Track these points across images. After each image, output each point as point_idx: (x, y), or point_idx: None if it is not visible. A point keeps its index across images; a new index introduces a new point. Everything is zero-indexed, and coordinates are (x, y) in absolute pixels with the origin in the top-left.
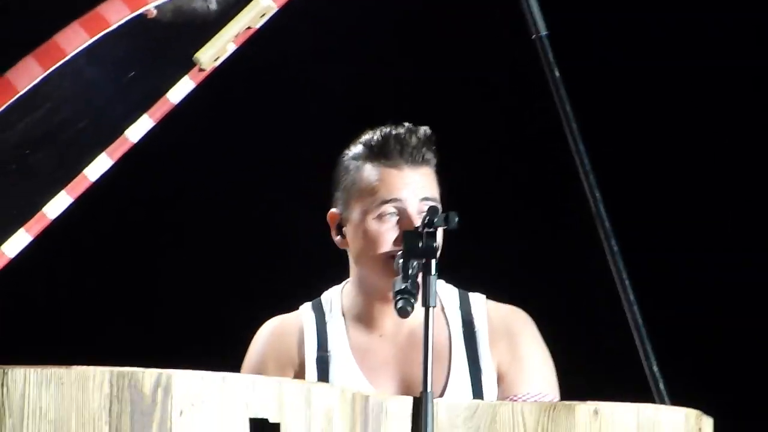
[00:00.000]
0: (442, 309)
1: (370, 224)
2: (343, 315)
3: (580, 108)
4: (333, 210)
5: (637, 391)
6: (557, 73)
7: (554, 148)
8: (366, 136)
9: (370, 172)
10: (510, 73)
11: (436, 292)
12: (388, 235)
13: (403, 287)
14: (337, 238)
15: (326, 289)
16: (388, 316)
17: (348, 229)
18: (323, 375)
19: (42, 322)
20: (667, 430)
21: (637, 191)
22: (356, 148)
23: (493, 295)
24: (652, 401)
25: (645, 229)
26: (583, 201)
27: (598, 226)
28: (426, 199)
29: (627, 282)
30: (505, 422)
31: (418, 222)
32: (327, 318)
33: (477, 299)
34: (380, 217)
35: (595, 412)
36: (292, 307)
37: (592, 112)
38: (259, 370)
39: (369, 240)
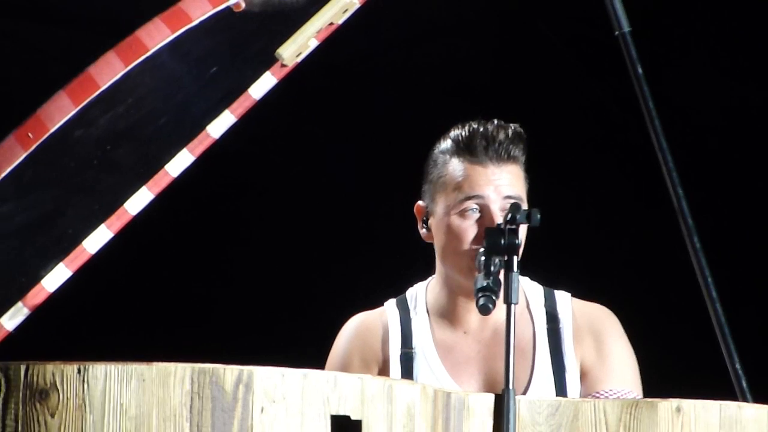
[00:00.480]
0: (527, 306)
1: (453, 220)
2: (428, 312)
3: (663, 106)
4: (420, 203)
5: (720, 389)
6: (640, 70)
7: (637, 145)
8: (455, 131)
9: (455, 167)
10: (592, 69)
11: (518, 288)
12: (469, 232)
13: (484, 284)
14: (422, 231)
15: (411, 286)
16: (472, 312)
17: (432, 223)
18: (407, 372)
19: (122, 318)
20: (750, 427)
21: (720, 188)
22: (445, 143)
23: (578, 293)
24: (735, 399)
25: (728, 227)
26: (665, 198)
27: (680, 222)
28: (509, 197)
29: (709, 279)
30: (587, 419)
31: (499, 220)
32: (411, 315)
33: (562, 297)
34: (462, 213)
35: (678, 409)
36: (377, 303)
37: (676, 111)
38: (344, 366)
39: (451, 235)
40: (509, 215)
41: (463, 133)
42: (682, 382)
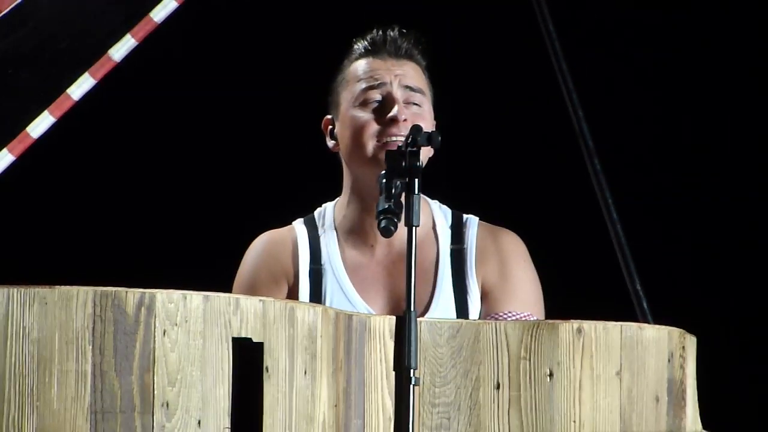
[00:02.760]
0: (434, 227)
1: (356, 111)
2: (336, 229)
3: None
4: (327, 117)
5: (621, 311)
6: (551, 28)
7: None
8: (357, 41)
9: (358, 65)
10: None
11: (419, 211)
12: (372, 123)
13: (386, 206)
14: (330, 143)
15: (318, 206)
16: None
17: (338, 128)
18: (316, 287)
19: (26, 242)
20: (651, 348)
21: (625, 123)
22: (350, 50)
23: (485, 217)
24: (636, 320)
25: (628, 151)
26: (567, 122)
27: (581, 145)
28: (410, 87)
29: (610, 201)
30: (489, 341)
31: (402, 108)
32: (320, 232)
33: (470, 220)
34: (364, 102)
35: (579, 330)
36: (284, 223)
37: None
38: (253, 281)
39: (355, 129)
40: (410, 137)
41: (366, 37)
42: (584, 304)
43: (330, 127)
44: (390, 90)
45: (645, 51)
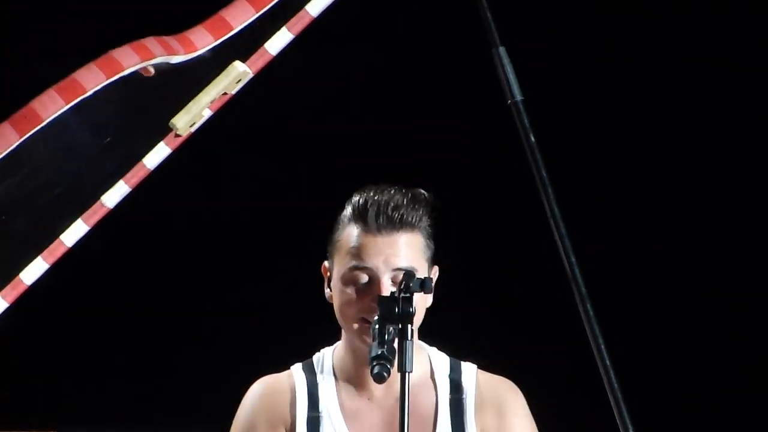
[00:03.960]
0: (432, 375)
1: (342, 287)
2: (335, 375)
3: (556, 171)
4: (325, 263)
5: None
6: (533, 138)
7: (529, 209)
8: (354, 197)
9: (350, 233)
10: (486, 137)
11: (412, 357)
12: (357, 300)
13: (379, 353)
14: (327, 291)
15: (317, 351)
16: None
17: (332, 286)
18: None
19: (22, 388)
20: None
21: (617, 255)
22: (347, 208)
23: (483, 365)
24: None
25: (624, 293)
26: (559, 266)
27: (574, 291)
28: (399, 269)
29: (603, 347)
30: None
31: (388, 291)
32: (318, 378)
33: (468, 368)
34: (351, 281)
35: None
36: (282, 368)
37: (569, 175)
38: (249, 427)
39: (342, 301)
40: (402, 283)
41: (360, 200)
42: None
43: (328, 275)
44: (376, 274)
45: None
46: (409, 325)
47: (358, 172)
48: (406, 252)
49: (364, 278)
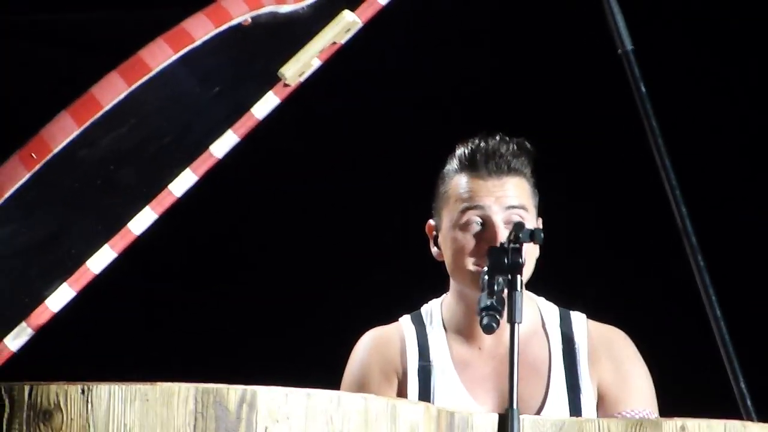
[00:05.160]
0: (543, 326)
1: (456, 233)
2: (444, 327)
3: (666, 124)
4: (430, 221)
5: (725, 408)
6: (643, 89)
7: (641, 163)
8: (459, 148)
9: (458, 182)
10: (596, 87)
11: (521, 308)
12: (472, 245)
13: (488, 303)
14: (433, 250)
15: (425, 303)
16: None
17: (440, 240)
18: (425, 385)
19: (127, 338)
20: None
21: (725, 205)
22: (451, 160)
23: (589, 313)
24: (740, 418)
25: (732, 244)
26: (669, 216)
27: (684, 241)
28: (512, 207)
29: (713, 298)
30: None
31: (503, 232)
32: (427, 329)
33: (578, 317)
34: (465, 225)
35: (682, 428)
36: (390, 320)
37: (679, 129)
38: (363, 378)
39: (456, 250)
40: (512, 234)
41: (466, 150)
42: (688, 401)
43: (434, 233)
44: (489, 214)
45: None
46: (519, 276)
47: (468, 118)
48: (516, 192)
49: (477, 221)
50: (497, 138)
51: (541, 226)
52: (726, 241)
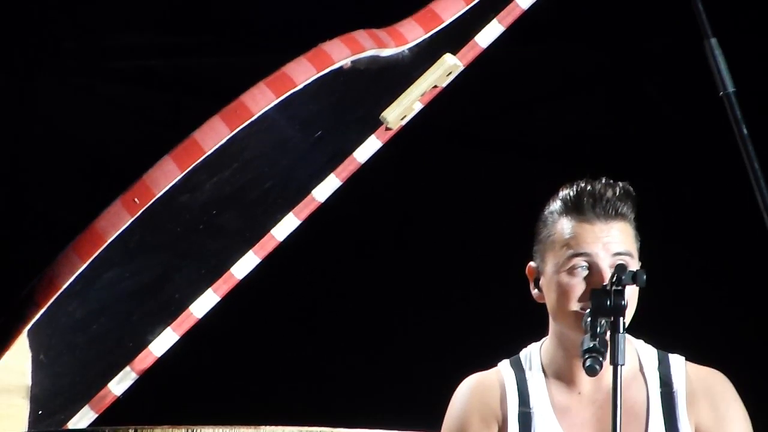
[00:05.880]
0: (641, 369)
1: (561, 277)
2: (544, 372)
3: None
4: (531, 264)
5: None
6: (745, 131)
7: (743, 207)
8: (563, 191)
9: (563, 225)
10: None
11: (624, 349)
12: (578, 289)
13: (591, 345)
14: (534, 292)
15: (523, 347)
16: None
17: (543, 283)
18: (526, 431)
19: (231, 381)
20: None
21: None
22: (554, 203)
23: (689, 356)
24: None
25: None
26: (761, 253)
27: None
28: (618, 254)
29: None
30: None
31: (608, 278)
32: (527, 374)
33: (676, 360)
34: (571, 270)
35: None
36: (490, 366)
37: None
38: (463, 425)
39: (560, 294)
40: (615, 276)
41: (571, 193)
42: None
43: (535, 276)
44: (597, 261)
45: None
46: (621, 318)
47: (569, 168)
48: (622, 238)
49: (584, 265)
50: (603, 182)
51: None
52: None
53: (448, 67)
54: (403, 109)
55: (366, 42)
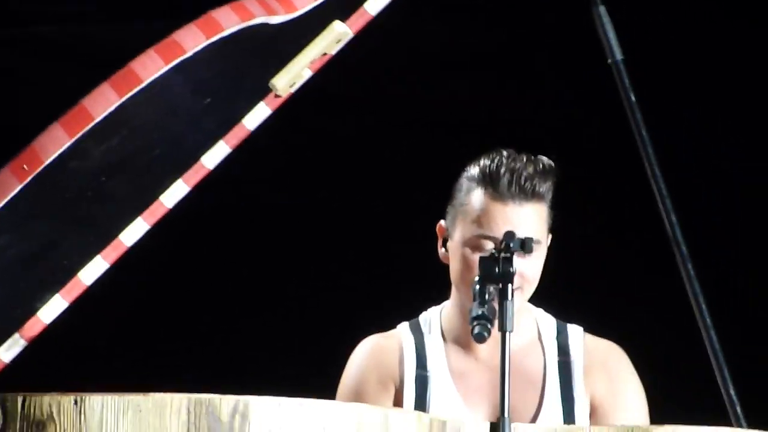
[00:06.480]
0: (539, 337)
1: (466, 251)
2: (443, 336)
3: (655, 131)
4: (442, 222)
5: (715, 416)
6: (633, 98)
7: (630, 172)
8: (484, 160)
9: (477, 198)
10: (586, 99)
11: (513, 317)
12: (476, 266)
13: (479, 313)
14: (441, 251)
15: (422, 311)
16: None
17: (450, 246)
18: (422, 394)
19: (119, 349)
20: None
21: (714, 213)
22: (473, 169)
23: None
24: (730, 425)
25: (720, 252)
26: (659, 225)
27: (674, 250)
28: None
29: (703, 305)
30: None
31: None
32: (425, 338)
33: (575, 330)
34: (475, 248)
35: None
36: (388, 328)
37: (667, 135)
38: (360, 386)
39: (463, 266)
40: (503, 243)
41: (492, 165)
42: (678, 409)
43: (444, 236)
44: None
45: None
46: (510, 285)
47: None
48: (533, 221)
49: (489, 245)
50: (523, 158)
51: (548, 241)
52: (716, 249)
53: (337, 34)
54: (292, 76)
55: (256, 9)
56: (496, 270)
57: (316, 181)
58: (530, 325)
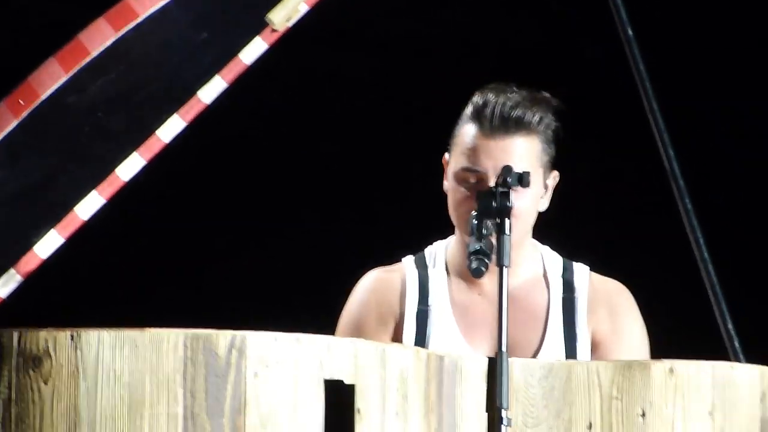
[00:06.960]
0: (545, 274)
1: (453, 184)
2: (447, 270)
3: (653, 71)
4: (446, 155)
5: (713, 350)
6: (630, 32)
7: (628, 109)
8: (476, 95)
9: (467, 131)
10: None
11: (510, 251)
12: (465, 199)
13: (477, 248)
14: (445, 183)
15: (430, 244)
16: (487, 274)
17: (446, 179)
18: (422, 329)
19: (116, 284)
20: (742, 387)
21: (713, 148)
22: (469, 103)
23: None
24: (728, 360)
25: (721, 189)
26: (658, 163)
27: (672, 185)
28: None
29: (701, 240)
30: (581, 381)
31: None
32: (430, 272)
33: (580, 269)
34: (461, 180)
35: (671, 370)
36: (394, 260)
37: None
38: (360, 320)
39: (452, 197)
40: (500, 177)
41: (479, 99)
42: (677, 344)
43: (447, 170)
44: (486, 177)
45: None
46: (507, 219)
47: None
48: (519, 155)
49: (474, 181)
50: (513, 91)
51: (556, 180)
52: (714, 183)
53: None
54: (288, 11)
55: None
56: (493, 204)
57: (325, 115)
58: (535, 261)
